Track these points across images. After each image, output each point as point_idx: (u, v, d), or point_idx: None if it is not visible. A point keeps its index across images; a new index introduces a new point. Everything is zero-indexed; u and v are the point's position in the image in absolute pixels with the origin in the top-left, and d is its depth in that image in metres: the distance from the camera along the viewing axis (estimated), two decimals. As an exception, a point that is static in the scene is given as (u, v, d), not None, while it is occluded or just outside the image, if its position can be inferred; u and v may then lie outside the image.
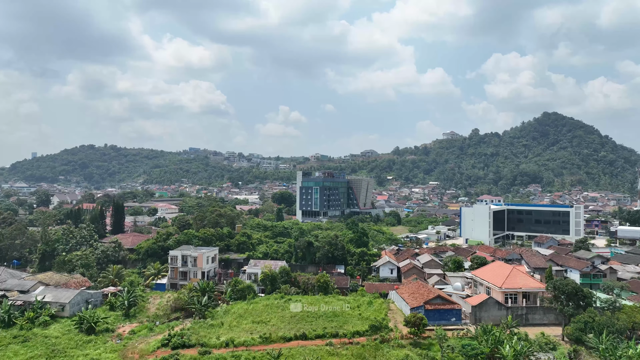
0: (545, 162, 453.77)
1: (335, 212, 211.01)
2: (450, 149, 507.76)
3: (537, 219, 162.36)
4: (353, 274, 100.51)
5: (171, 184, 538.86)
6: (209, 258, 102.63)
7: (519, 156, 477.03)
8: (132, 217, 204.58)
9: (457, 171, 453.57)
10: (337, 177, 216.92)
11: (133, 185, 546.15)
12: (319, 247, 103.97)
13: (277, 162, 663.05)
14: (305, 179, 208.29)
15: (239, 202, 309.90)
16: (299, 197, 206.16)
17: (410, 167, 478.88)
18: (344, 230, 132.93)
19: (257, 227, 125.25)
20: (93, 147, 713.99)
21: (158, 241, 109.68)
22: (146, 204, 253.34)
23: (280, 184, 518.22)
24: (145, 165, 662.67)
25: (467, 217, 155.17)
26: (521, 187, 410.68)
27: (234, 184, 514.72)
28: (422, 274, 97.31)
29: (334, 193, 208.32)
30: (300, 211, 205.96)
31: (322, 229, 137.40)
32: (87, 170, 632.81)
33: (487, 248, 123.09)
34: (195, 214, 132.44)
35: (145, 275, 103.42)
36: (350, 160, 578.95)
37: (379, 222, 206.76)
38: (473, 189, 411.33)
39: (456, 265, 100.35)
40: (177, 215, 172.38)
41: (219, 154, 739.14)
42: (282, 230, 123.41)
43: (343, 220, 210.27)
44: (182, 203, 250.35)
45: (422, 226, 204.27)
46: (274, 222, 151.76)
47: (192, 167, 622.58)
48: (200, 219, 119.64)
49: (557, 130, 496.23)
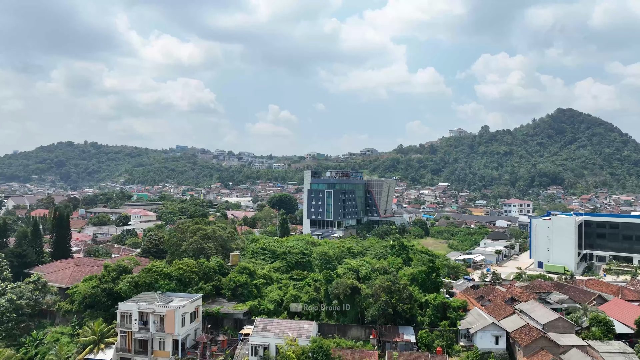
0: (563, 161, 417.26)
1: (351, 222, 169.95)
2: (459, 147, 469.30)
3: (626, 233, 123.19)
4: (430, 345, 59.52)
5: (155, 184, 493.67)
6: (186, 316, 60.97)
7: (534, 155, 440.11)
8: (96, 228, 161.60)
9: (468, 171, 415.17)
10: (353, 177, 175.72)
11: (113, 185, 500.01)
12: (370, 297, 62.95)
13: (269, 161, 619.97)
14: (314, 180, 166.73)
15: (230, 206, 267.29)
16: (307, 203, 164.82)
17: (416, 167, 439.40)
18: (389, 256, 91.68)
19: (260, 253, 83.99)
20: (71, 144, 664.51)
21: (103, 282, 67.62)
22: (118, 210, 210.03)
23: (274, 184, 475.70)
24: (127, 163, 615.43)
25: (541, 232, 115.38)
26: (540, 188, 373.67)
27: (224, 185, 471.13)
28: (552, 346, 56.73)
29: (350, 198, 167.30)
30: (308, 220, 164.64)
31: (354, 253, 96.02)
32: (63, 169, 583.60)
33: (605, 285, 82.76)
34: (167, 237, 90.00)
35: (79, 344, 61.43)
36: (349, 159, 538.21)
37: (406, 234, 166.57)
38: (489, 190, 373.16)
39: (605, 329, 59.94)
40: (148, 231, 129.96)
41: (208, 152, 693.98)
42: (300, 258, 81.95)
43: (362, 230, 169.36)
44: (162, 208, 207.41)
45: (458, 239, 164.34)
46: (281, 242, 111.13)
47: (179, 166, 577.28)
48: (176, 245, 78.11)
49: (574, 127, 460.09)
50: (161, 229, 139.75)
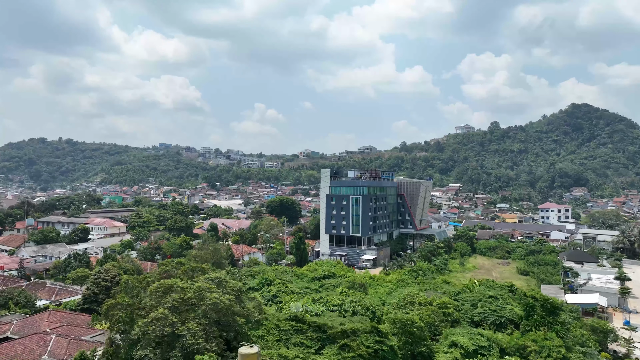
0: (583, 160, 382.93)
1: (382, 237, 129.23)
2: (469, 145, 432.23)
3: None
4: None
5: (134, 185, 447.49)
6: None
7: (550, 153, 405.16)
8: (38, 247, 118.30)
9: (481, 171, 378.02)
10: (384, 179, 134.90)
11: (87, 185, 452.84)
12: None
13: (260, 160, 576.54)
14: (335, 182, 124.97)
15: (219, 211, 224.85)
16: (326, 213, 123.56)
17: (423, 166, 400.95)
18: (522, 326, 50.93)
19: (292, 331, 42.90)
20: (44, 141, 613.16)
21: None
22: (78, 219, 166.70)
23: (267, 185, 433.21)
24: (105, 162, 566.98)
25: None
26: (562, 190, 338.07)
27: (211, 185, 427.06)
28: None
29: (381, 206, 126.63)
30: (327, 236, 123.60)
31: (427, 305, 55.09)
32: (34, 168, 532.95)
33: None
34: (119, 296, 46.78)
35: None
36: (347, 157, 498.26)
37: (452, 252, 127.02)
38: (506, 192, 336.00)
39: None
40: (103, 261, 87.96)
41: (193, 149, 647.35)
42: (376, 345, 40.92)
43: (395, 246, 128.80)
44: (135, 218, 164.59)
45: (519, 258, 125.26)
46: (303, 281, 70.00)
47: (161, 165, 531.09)
48: (125, 325, 36.78)
49: (591, 123, 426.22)
50: (124, 254, 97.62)
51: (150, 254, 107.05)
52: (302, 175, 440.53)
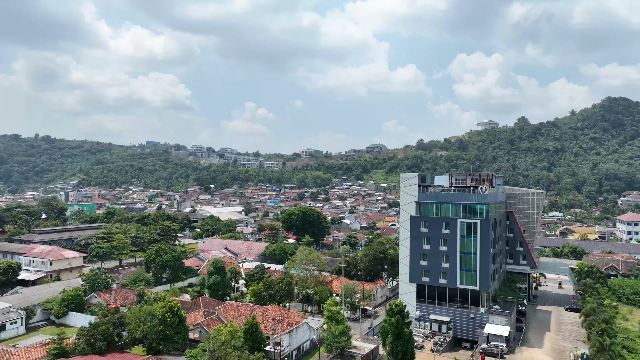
0: (628, 160, 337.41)
1: (495, 284, 79.53)
2: (495, 143, 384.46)
3: None
4: None
5: (116, 187, 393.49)
6: None
7: (589, 152, 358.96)
8: None
9: (516, 172, 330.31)
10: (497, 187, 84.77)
11: (63, 187, 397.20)
12: None
13: (258, 159, 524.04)
14: (426, 195, 75.03)
15: (219, 226, 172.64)
16: (411, 246, 73.62)
17: (446, 167, 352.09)
18: None
19: None
20: (18, 138, 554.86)
21: None
22: (20, 242, 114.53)
23: (268, 187, 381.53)
24: (86, 161, 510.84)
25: None
26: (614, 194, 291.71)
27: (204, 188, 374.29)
28: None
29: (498, 236, 77.37)
30: (412, 286, 73.66)
31: None
32: (4, 167, 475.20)
33: None
34: None
35: None
36: (355, 156, 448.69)
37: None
38: (551, 197, 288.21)
39: None
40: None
41: (183, 148, 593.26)
42: None
43: (506, 299, 79.13)
44: (100, 243, 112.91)
45: None
46: None
47: (148, 164, 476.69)
48: None
49: (633, 119, 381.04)
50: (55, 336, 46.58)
51: (105, 335, 56.01)
52: (308, 176, 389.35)
